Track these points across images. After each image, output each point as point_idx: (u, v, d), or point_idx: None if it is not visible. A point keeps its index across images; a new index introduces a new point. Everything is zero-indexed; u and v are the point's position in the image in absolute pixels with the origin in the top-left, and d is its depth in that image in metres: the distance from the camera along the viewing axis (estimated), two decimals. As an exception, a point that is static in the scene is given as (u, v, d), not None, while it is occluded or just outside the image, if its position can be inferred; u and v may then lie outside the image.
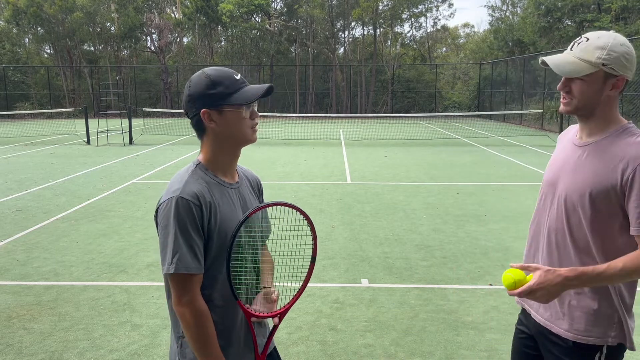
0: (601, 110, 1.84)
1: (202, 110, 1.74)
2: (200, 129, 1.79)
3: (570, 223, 1.87)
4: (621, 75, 1.79)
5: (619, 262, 1.73)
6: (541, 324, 1.99)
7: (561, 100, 1.90)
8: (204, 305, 1.70)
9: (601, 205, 1.79)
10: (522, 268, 1.81)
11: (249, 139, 1.80)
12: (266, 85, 1.77)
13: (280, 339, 4.00)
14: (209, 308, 1.74)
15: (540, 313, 2.00)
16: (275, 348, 2.05)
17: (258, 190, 2.03)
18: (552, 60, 1.85)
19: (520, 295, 1.76)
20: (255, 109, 1.81)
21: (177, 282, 1.67)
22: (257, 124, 1.81)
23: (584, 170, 1.85)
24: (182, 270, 1.65)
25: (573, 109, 1.86)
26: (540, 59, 1.91)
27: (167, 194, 1.71)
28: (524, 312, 2.13)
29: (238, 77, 1.77)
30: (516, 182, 10.40)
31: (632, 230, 1.75)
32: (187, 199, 1.67)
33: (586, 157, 1.86)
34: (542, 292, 1.74)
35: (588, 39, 1.81)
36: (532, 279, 1.76)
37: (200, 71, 1.79)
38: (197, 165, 1.79)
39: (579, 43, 1.82)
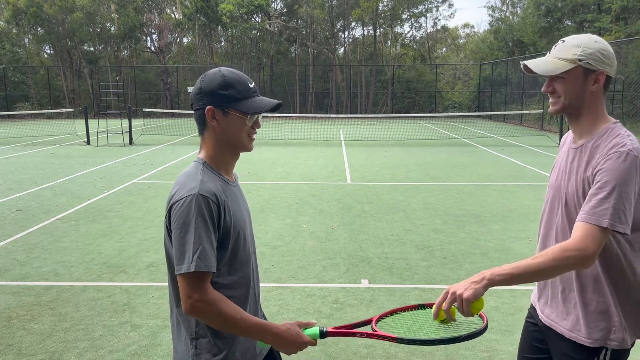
0: (588, 108, 1.88)
1: (208, 107, 1.76)
2: (201, 123, 1.81)
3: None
4: (600, 70, 1.83)
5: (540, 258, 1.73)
6: (546, 323, 2.01)
7: (550, 101, 1.96)
8: (215, 292, 1.69)
9: None
10: None
11: (245, 147, 1.83)
12: (276, 102, 1.81)
13: (280, 340, 3.99)
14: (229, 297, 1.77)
15: (545, 313, 2.03)
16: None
17: None
18: (532, 62, 1.92)
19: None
20: (260, 119, 1.85)
21: (193, 280, 1.65)
22: (255, 133, 1.85)
23: (575, 172, 1.90)
24: (204, 269, 1.64)
25: (560, 107, 1.91)
26: (522, 62, 1.96)
27: (181, 192, 1.70)
28: (533, 307, 2.15)
29: (252, 85, 1.80)
30: (516, 182, 10.40)
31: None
32: (206, 196, 1.68)
33: (576, 159, 1.91)
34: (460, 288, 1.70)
35: (564, 41, 1.90)
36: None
37: (217, 69, 1.80)
38: (203, 164, 1.80)
39: (556, 46, 1.91)
